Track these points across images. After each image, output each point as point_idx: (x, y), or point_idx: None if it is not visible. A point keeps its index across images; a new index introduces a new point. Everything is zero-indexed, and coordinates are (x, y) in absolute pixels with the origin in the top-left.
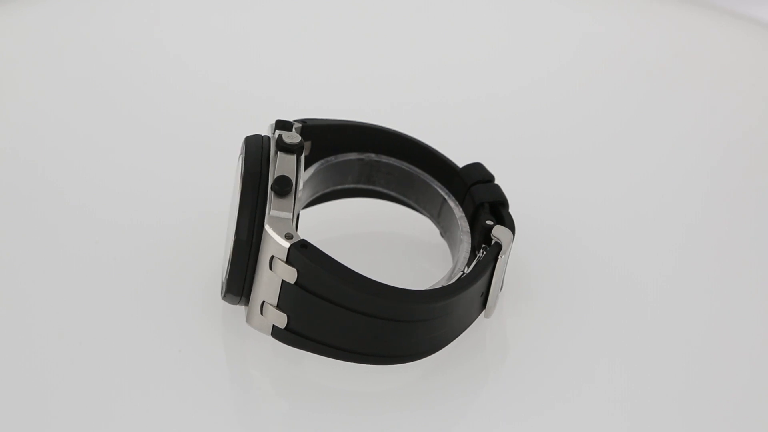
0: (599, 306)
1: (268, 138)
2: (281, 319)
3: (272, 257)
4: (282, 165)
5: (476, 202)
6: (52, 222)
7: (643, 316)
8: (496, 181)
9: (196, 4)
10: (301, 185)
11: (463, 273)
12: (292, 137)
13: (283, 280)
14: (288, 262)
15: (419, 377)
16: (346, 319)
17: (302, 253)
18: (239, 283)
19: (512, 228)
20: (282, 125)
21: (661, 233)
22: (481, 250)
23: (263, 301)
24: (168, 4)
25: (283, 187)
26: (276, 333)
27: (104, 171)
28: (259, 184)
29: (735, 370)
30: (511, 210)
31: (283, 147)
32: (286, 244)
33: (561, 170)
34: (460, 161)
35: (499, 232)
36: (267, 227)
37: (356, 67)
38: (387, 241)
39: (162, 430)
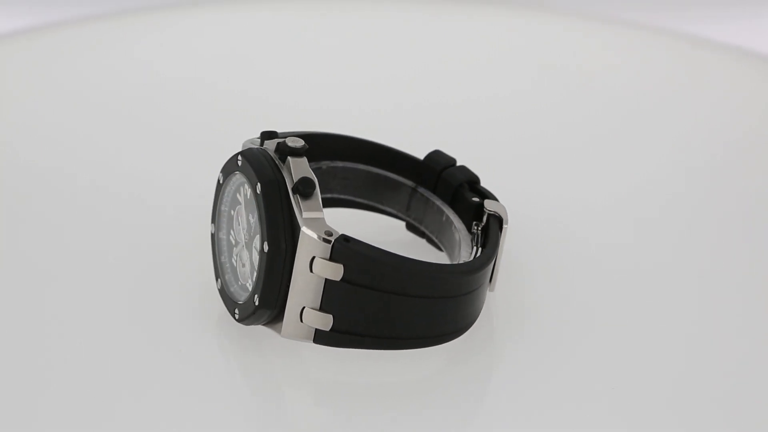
0: (598, 303)
1: (263, 149)
2: (326, 321)
3: (313, 258)
4: (297, 168)
5: (454, 185)
6: (51, 221)
7: (644, 315)
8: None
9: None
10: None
11: (477, 247)
12: (296, 141)
13: (326, 280)
14: (332, 259)
15: (416, 376)
16: (398, 305)
17: (347, 246)
18: (275, 294)
19: (496, 200)
20: (268, 135)
21: (659, 231)
22: (475, 226)
23: (303, 307)
24: (173, 19)
25: (307, 188)
26: (319, 337)
27: (103, 170)
28: (279, 191)
29: (736, 369)
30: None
31: (291, 152)
32: (329, 241)
33: (559, 170)
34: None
35: (492, 205)
36: (305, 229)
37: (356, 67)
38: None
39: (164, 429)
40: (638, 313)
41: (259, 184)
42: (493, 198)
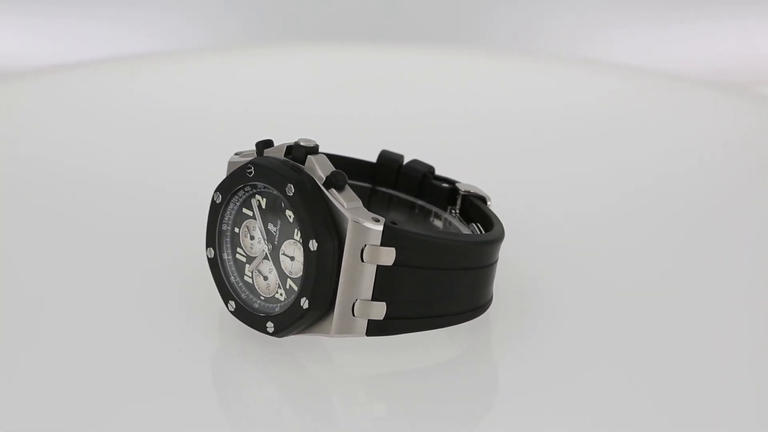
0: (596, 302)
1: (270, 157)
2: (380, 310)
3: (364, 247)
4: (321, 164)
5: (418, 177)
6: (52, 220)
7: (643, 315)
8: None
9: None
10: None
11: (474, 225)
12: (308, 141)
13: (378, 266)
14: (383, 243)
15: (413, 373)
16: (447, 280)
17: (396, 229)
18: (327, 293)
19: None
20: (265, 144)
21: (656, 230)
22: (450, 210)
23: (355, 300)
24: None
25: (339, 180)
26: (372, 329)
27: (104, 169)
28: (314, 188)
29: (734, 371)
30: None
31: (308, 151)
32: (380, 226)
33: (554, 168)
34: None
35: (467, 186)
36: (353, 219)
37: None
38: None
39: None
40: (635, 314)
41: (291, 185)
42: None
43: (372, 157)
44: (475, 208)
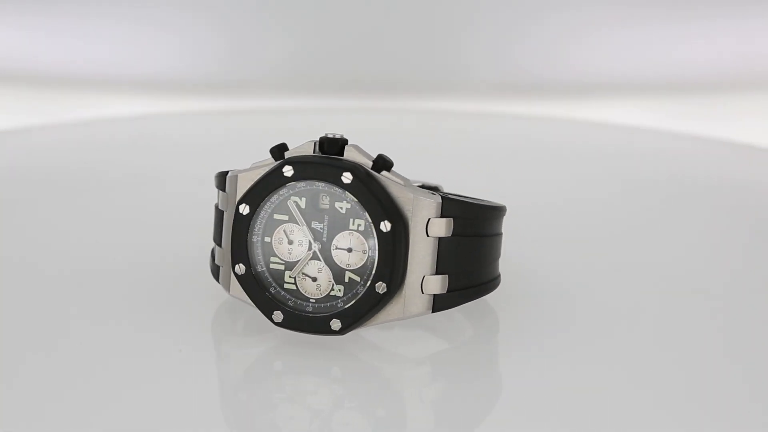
0: (597, 307)
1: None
2: (443, 283)
3: (428, 221)
4: (361, 152)
5: None
6: (53, 220)
7: (641, 322)
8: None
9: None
10: None
11: None
12: (335, 134)
13: (439, 239)
14: (442, 215)
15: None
16: (489, 246)
17: (450, 199)
18: (401, 274)
19: None
20: (280, 148)
21: (658, 230)
22: None
23: (422, 277)
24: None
25: (388, 162)
26: (437, 304)
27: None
28: (365, 176)
29: (735, 374)
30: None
31: (344, 142)
32: (438, 198)
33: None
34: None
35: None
36: (414, 195)
37: None
38: None
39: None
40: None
41: (348, 173)
42: None
43: None
44: None
